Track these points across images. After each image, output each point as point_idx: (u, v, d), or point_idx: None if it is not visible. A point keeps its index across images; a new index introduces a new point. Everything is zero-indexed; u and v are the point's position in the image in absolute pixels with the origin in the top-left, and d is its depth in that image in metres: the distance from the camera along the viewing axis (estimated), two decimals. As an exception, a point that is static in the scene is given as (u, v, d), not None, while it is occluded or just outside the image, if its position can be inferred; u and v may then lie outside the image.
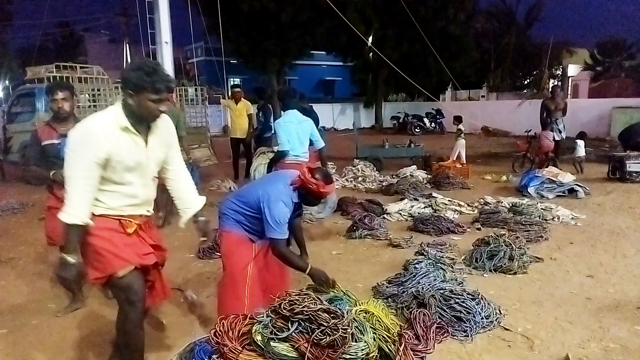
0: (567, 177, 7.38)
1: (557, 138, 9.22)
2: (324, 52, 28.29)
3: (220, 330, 2.31)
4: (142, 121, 2.23)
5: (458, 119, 10.38)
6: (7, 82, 22.82)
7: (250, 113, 9.02)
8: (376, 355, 2.38)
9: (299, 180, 2.89)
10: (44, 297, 3.86)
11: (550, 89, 11.82)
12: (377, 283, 3.80)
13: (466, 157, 10.26)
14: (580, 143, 9.21)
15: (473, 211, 6.39)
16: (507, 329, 3.10)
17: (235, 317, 2.39)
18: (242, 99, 9.06)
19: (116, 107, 2.20)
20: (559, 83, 28.75)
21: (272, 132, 8.17)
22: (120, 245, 2.24)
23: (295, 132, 4.63)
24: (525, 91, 28.55)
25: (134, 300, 2.30)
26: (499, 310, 3.29)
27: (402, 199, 6.83)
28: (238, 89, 9.36)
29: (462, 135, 10.34)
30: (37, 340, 3.16)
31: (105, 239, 2.22)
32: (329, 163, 10.07)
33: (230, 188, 8.08)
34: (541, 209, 6.06)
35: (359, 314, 2.55)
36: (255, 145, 8.62)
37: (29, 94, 9.89)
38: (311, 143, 4.82)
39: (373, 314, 2.60)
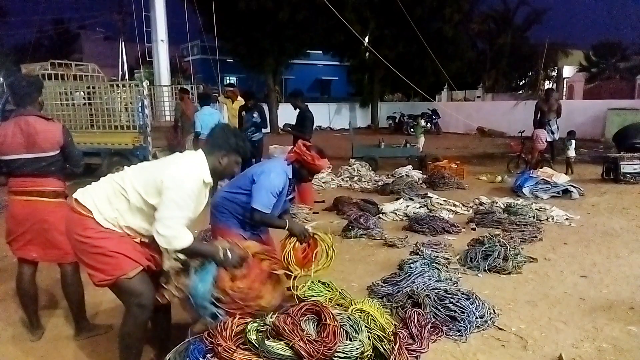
0: (561, 178, 7.41)
1: (548, 139, 9.26)
2: (320, 52, 28.27)
3: (214, 330, 2.30)
4: (219, 178, 2.41)
5: (422, 117, 11.70)
6: (1, 79, 22.65)
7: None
8: (371, 354, 2.39)
9: (294, 154, 3.04)
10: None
11: (544, 91, 11.96)
12: (372, 282, 3.81)
13: (461, 157, 10.37)
14: (573, 143, 9.25)
15: (468, 211, 6.40)
16: (501, 329, 3.11)
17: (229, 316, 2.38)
18: (239, 97, 8.99)
19: (202, 162, 2.29)
20: (554, 84, 28.91)
21: (261, 134, 8.14)
22: (129, 248, 2.31)
23: (207, 120, 7.03)
24: (520, 92, 28.64)
25: (144, 305, 2.32)
26: (493, 310, 3.30)
27: (397, 199, 6.84)
28: (232, 88, 9.28)
29: (422, 132, 11.56)
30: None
31: (115, 241, 2.27)
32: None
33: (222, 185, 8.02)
34: (535, 209, 6.09)
35: (354, 313, 2.56)
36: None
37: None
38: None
39: (368, 313, 2.60)
